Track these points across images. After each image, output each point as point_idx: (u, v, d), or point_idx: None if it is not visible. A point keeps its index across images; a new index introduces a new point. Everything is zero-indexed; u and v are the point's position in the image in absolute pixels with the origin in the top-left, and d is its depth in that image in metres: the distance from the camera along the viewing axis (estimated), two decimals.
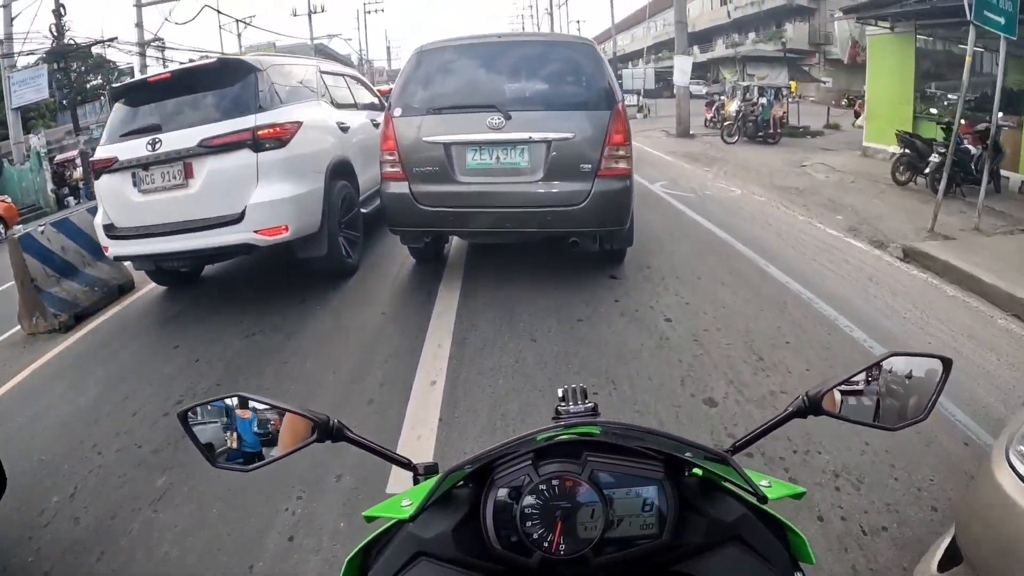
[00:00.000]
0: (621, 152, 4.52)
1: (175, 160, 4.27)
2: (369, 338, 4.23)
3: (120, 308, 5.42)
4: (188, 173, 4.31)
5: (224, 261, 5.46)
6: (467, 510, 0.81)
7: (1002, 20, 5.96)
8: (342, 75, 6.69)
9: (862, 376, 0.97)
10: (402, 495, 0.88)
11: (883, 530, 2.41)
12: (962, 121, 9.45)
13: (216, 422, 0.93)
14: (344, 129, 5.65)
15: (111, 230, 4.59)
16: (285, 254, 4.90)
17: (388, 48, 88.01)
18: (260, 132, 4.36)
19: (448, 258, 6.00)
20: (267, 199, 4.36)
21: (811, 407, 0.95)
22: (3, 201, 13.99)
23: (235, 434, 0.93)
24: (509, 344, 4.03)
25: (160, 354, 4.23)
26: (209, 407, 0.93)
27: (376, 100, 7.26)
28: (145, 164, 4.34)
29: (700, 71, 35.73)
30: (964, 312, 4.71)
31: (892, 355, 0.96)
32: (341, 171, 5.35)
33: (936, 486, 2.65)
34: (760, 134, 16.59)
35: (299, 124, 4.67)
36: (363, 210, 5.85)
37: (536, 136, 4.45)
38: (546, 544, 0.74)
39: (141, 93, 4.74)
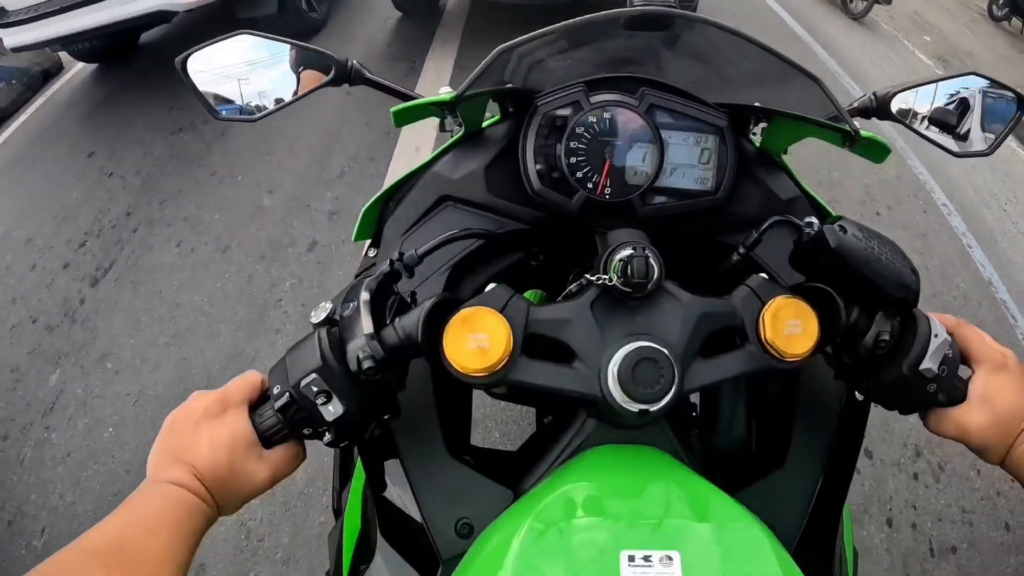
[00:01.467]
0: None
1: None
2: (326, 135, 3.10)
3: (43, 101, 4.23)
4: None
5: (146, 31, 4.24)
6: (503, 146, 0.70)
7: None
8: None
9: (935, 88, 0.84)
10: (440, 91, 0.69)
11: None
12: None
13: (219, 67, 0.80)
14: None
15: (3, 16, 3.43)
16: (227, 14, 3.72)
17: None
18: None
19: (443, 15, 4.66)
20: None
21: (877, 108, 0.82)
22: None
23: (240, 79, 0.80)
24: None
25: (72, 169, 3.25)
26: (211, 50, 0.79)
27: None
28: None
29: None
30: None
31: (971, 74, 0.84)
32: None
33: (1017, 490, 2.14)
34: None
35: None
36: None
37: None
38: (590, 184, 0.65)
39: None
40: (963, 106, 0.85)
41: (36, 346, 2.24)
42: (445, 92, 0.68)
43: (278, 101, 0.82)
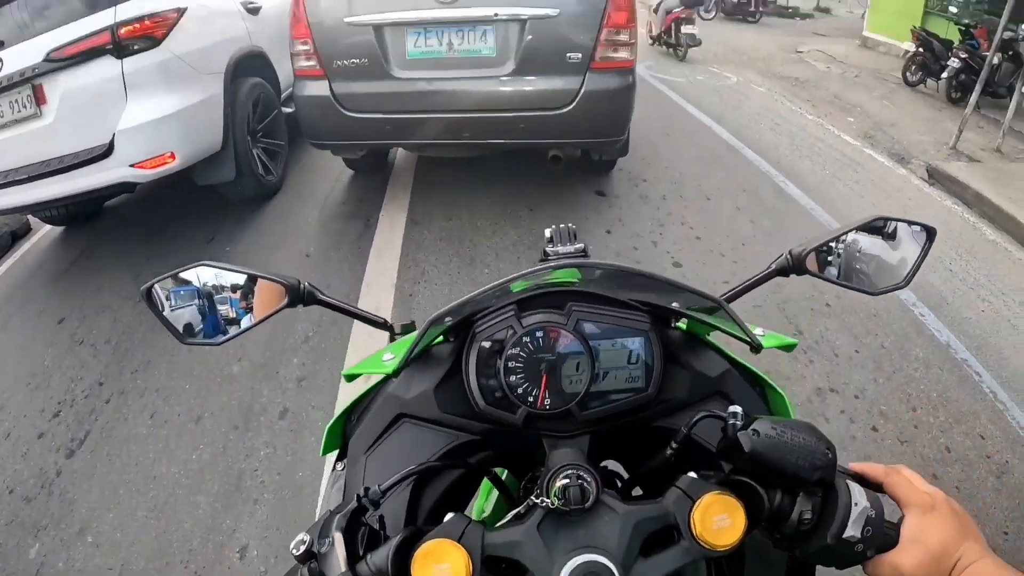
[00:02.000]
0: (624, 36, 3.34)
1: (21, 83, 3.14)
2: None
3: (12, 262, 4.28)
4: (39, 99, 3.19)
5: (110, 199, 4.36)
6: (448, 368, 0.77)
7: None
8: None
9: (846, 237, 0.92)
10: (381, 351, 0.83)
11: None
12: (977, 25, 8.65)
13: (181, 295, 0.87)
14: (253, 10, 4.35)
15: None
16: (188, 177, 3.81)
17: None
18: (122, 30, 3.18)
19: (394, 165, 4.79)
20: (139, 121, 3.25)
21: (795, 266, 0.91)
22: None
23: (201, 307, 0.88)
24: None
25: (42, 333, 3.28)
26: (172, 280, 0.86)
27: None
28: None
29: None
30: (1010, 267, 4.06)
31: (876, 219, 0.91)
32: (251, 66, 4.14)
33: (1011, 542, 2.22)
34: (740, 13, 15.52)
35: (180, 11, 3.45)
36: (287, 109, 4.60)
37: (505, 12, 3.22)
38: (531, 399, 0.71)
39: None
40: (875, 247, 0.94)
41: (14, 517, 2.21)
42: (388, 360, 0.79)
43: (238, 326, 0.89)
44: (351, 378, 0.84)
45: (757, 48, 11.47)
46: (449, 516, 0.60)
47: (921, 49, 8.55)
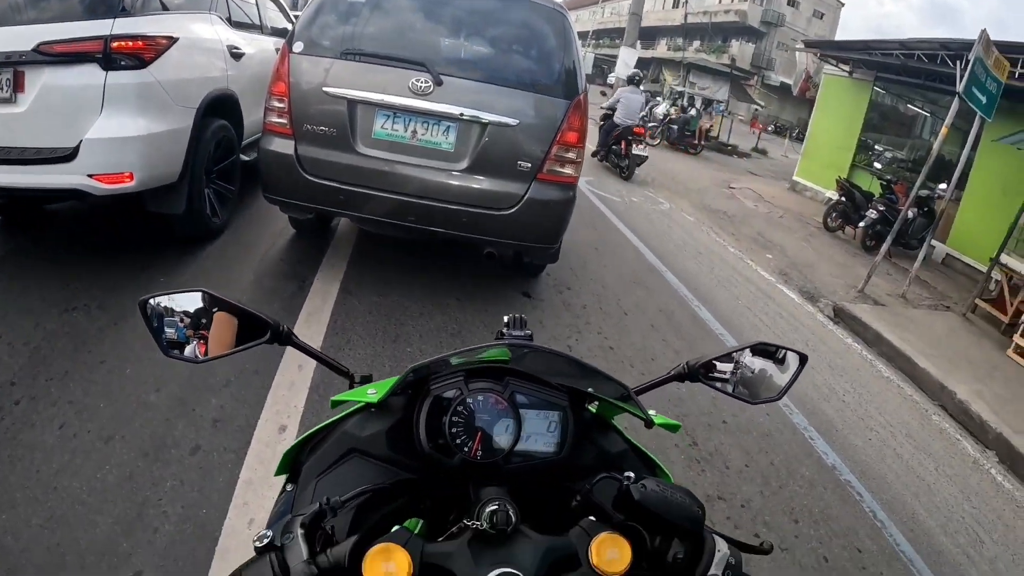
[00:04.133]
0: (571, 154, 3.64)
1: (3, 66, 3.15)
2: None
3: None
4: (18, 85, 3.19)
5: (58, 203, 4.28)
6: (400, 416, 0.93)
7: (984, 100, 5.86)
8: None
9: (734, 356, 1.14)
10: (366, 387, 1.00)
11: None
12: (897, 181, 9.60)
13: (173, 314, 0.98)
14: (237, 56, 4.50)
15: None
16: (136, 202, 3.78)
17: None
18: (115, 43, 3.24)
19: (336, 233, 4.91)
20: (109, 135, 3.28)
21: (690, 374, 1.12)
22: None
23: (190, 326, 0.98)
24: (390, 375, 3.20)
25: None
26: (170, 297, 0.97)
27: (290, 27, 5.85)
28: None
29: (639, 66, 35.77)
30: (900, 401, 4.47)
31: (760, 344, 1.13)
32: (221, 108, 4.24)
33: None
34: (683, 143, 16.50)
35: (172, 40, 3.56)
36: (244, 157, 4.72)
37: (469, 113, 3.46)
38: (466, 449, 0.86)
39: None
40: (760, 367, 1.14)
41: None
42: (372, 393, 0.95)
43: (220, 350, 1.00)
44: (336, 404, 1.00)
45: (693, 179, 12.20)
46: (396, 528, 0.73)
47: (844, 198, 9.30)
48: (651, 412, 0.99)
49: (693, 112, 17.34)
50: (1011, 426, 4.20)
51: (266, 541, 0.68)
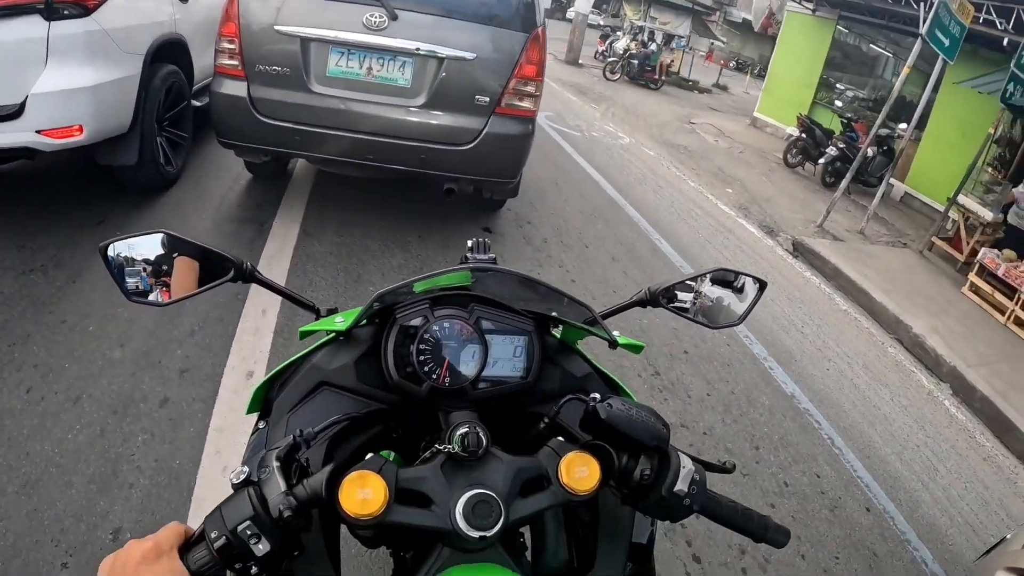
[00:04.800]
0: (530, 88, 3.60)
1: None
2: None
3: None
4: None
5: (7, 163, 4.12)
6: (367, 347, 0.94)
7: (947, 43, 5.89)
8: None
9: (694, 282, 1.14)
10: (333, 316, 1.01)
11: None
12: (858, 119, 9.69)
13: (135, 257, 0.95)
14: None
15: None
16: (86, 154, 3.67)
17: None
18: None
19: (293, 175, 4.80)
20: (57, 88, 3.15)
21: (651, 299, 1.11)
22: None
23: (152, 270, 0.96)
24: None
25: None
26: (131, 241, 0.95)
27: None
28: None
29: (598, 1, 34.89)
30: (856, 334, 4.63)
31: (720, 270, 1.13)
32: (170, 53, 4.07)
33: (842, 566, 2.50)
34: (643, 79, 16.38)
35: None
36: (196, 103, 4.56)
37: (425, 48, 3.39)
38: (435, 376, 0.89)
39: None
40: (720, 294, 1.15)
41: None
42: (339, 322, 0.96)
43: (184, 291, 0.99)
44: (305, 335, 1.00)
45: (654, 114, 12.14)
46: (370, 455, 0.74)
47: (804, 135, 9.38)
48: (615, 333, 1.01)
49: (653, 47, 17.18)
50: (965, 360, 4.39)
51: (243, 477, 0.70)
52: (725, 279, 1.15)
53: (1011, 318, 5.27)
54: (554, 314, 0.98)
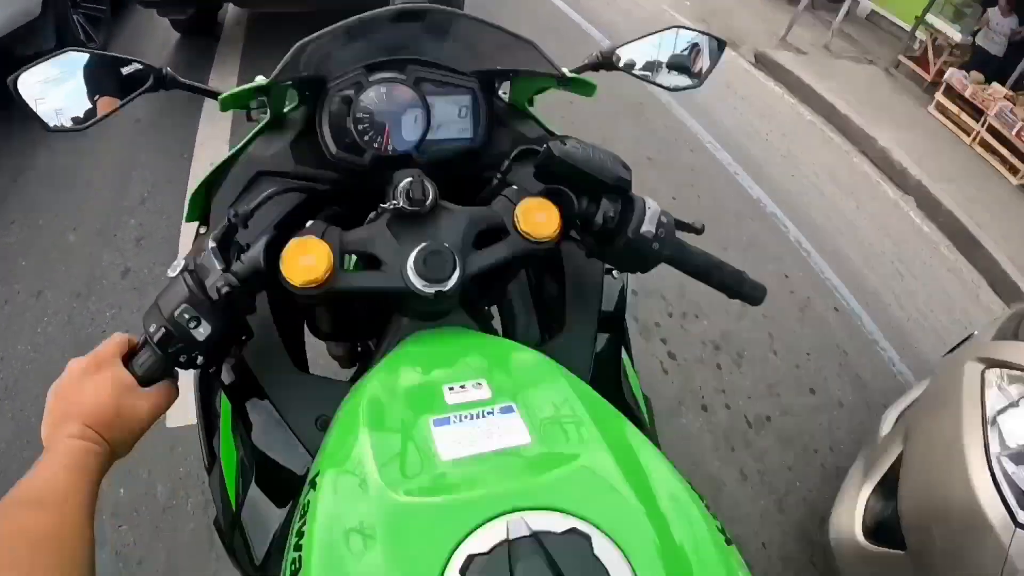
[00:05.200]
0: None
1: None
2: (121, 166, 2.96)
3: None
4: None
5: None
6: (301, 128, 0.87)
7: None
8: None
9: (650, 40, 1.04)
10: (253, 81, 0.86)
11: (767, 420, 2.28)
12: None
13: (47, 83, 0.87)
14: None
15: None
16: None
17: None
18: None
19: (223, 27, 4.49)
20: None
21: (604, 62, 1.01)
22: None
23: (68, 94, 0.87)
24: None
25: None
26: (40, 67, 0.86)
27: None
28: None
29: None
30: (822, 144, 4.60)
31: (677, 27, 1.05)
32: None
33: (813, 362, 2.58)
34: None
35: None
36: None
37: None
38: (376, 144, 0.83)
39: None
40: (674, 53, 1.06)
41: None
42: (260, 80, 0.85)
43: (105, 108, 0.90)
44: (226, 106, 0.88)
45: None
46: (311, 222, 0.70)
47: None
48: (563, 69, 0.91)
49: None
50: (930, 175, 4.37)
51: (179, 268, 0.65)
52: (684, 38, 1.06)
53: (976, 139, 5.22)
54: (498, 67, 0.90)
